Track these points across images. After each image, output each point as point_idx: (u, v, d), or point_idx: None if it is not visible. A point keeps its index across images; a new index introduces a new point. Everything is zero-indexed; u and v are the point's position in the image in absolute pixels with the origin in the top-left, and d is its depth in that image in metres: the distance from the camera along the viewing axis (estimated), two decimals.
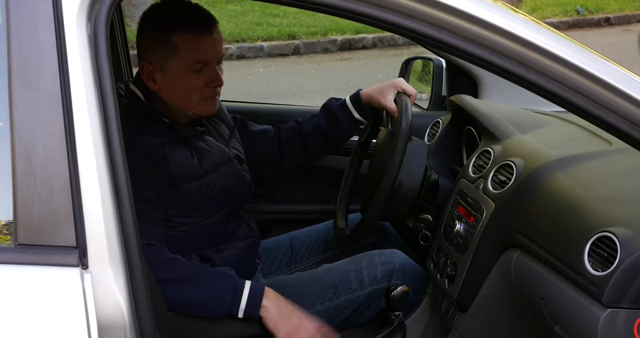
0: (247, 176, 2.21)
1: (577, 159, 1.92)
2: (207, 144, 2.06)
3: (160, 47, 1.95)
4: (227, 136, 2.22)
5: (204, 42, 1.95)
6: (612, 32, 10.71)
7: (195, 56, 1.94)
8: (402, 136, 2.02)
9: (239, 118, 2.37)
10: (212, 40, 1.96)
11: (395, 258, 2.25)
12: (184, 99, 1.98)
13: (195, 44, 1.94)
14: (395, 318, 2.13)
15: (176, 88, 1.97)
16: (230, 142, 2.22)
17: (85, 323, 1.21)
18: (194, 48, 1.93)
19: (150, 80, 1.99)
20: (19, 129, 1.22)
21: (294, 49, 9.06)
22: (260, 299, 1.91)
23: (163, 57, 1.95)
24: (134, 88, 2.03)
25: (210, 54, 1.96)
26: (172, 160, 1.94)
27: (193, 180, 1.98)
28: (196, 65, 1.94)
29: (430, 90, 3.03)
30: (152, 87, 1.99)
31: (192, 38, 1.93)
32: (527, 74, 1.35)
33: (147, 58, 1.98)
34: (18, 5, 1.24)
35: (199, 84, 1.96)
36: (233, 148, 2.21)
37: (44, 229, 1.22)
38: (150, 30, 1.98)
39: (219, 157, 2.07)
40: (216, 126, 2.19)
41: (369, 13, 1.31)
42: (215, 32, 1.97)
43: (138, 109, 1.99)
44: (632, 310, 1.53)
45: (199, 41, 1.94)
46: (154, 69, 1.97)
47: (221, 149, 2.10)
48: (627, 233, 1.53)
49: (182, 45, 1.93)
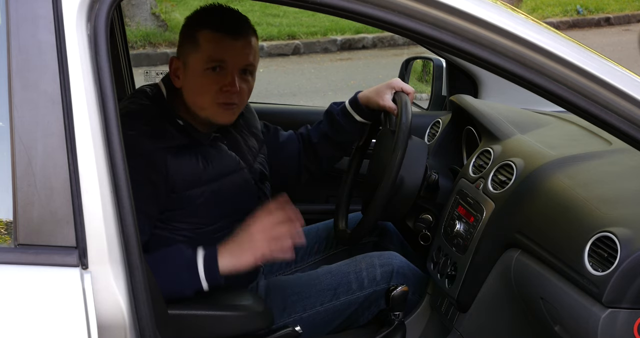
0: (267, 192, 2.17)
1: (577, 158, 1.92)
2: (218, 151, 2.04)
3: (187, 43, 1.97)
4: (255, 150, 2.18)
5: (226, 43, 1.94)
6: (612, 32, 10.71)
7: (211, 53, 1.93)
8: (403, 133, 2.01)
9: (272, 127, 2.35)
10: (236, 44, 1.95)
11: (395, 260, 2.25)
12: (197, 99, 1.97)
13: (215, 42, 1.94)
14: (395, 319, 2.13)
15: (192, 85, 1.97)
16: (257, 157, 2.19)
17: (85, 323, 1.20)
18: (213, 46, 1.93)
19: (175, 76, 2.00)
20: (18, 129, 1.22)
21: (294, 49, 9.07)
22: (215, 266, 1.84)
23: (187, 53, 1.96)
24: (160, 84, 2.03)
25: (229, 56, 1.94)
26: (174, 165, 1.91)
27: (195, 186, 1.96)
28: (210, 63, 1.93)
29: (430, 90, 3.03)
30: (176, 83, 2.00)
31: (215, 37, 1.93)
32: (527, 74, 1.35)
33: (178, 54, 2.01)
34: (18, 5, 1.24)
35: (213, 86, 1.95)
36: (259, 164, 2.18)
37: (44, 229, 1.22)
38: (185, 27, 2.01)
39: (226, 165, 2.03)
40: (246, 139, 2.16)
41: (369, 13, 1.31)
42: (241, 39, 1.96)
43: (154, 108, 1.98)
44: (632, 310, 1.53)
45: (220, 41, 1.94)
46: (179, 64, 1.99)
47: (232, 158, 2.06)
48: (627, 233, 1.53)
49: (203, 42, 1.93)
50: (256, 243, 1.84)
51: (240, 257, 1.84)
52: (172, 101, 2.00)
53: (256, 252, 1.84)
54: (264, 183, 2.17)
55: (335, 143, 2.34)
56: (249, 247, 1.84)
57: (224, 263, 1.84)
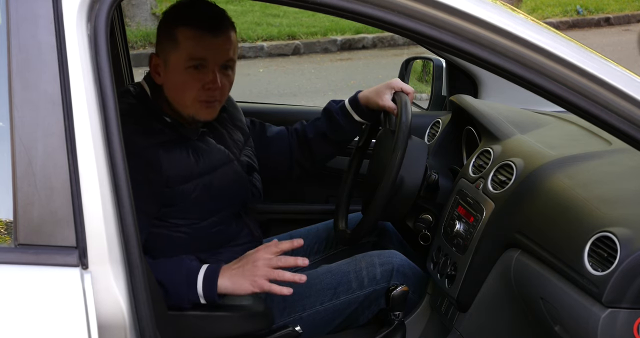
0: (257, 185, 2.20)
1: (577, 158, 1.92)
2: (207, 145, 2.06)
3: (165, 40, 1.97)
4: (240, 143, 2.20)
5: (205, 40, 1.94)
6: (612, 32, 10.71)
7: (192, 52, 1.93)
8: (403, 133, 2.01)
9: (258, 122, 2.36)
10: (216, 42, 1.95)
11: (395, 259, 2.25)
12: (179, 97, 1.98)
13: (196, 40, 1.93)
14: (395, 318, 2.13)
15: (173, 83, 1.97)
16: (243, 149, 2.20)
17: (85, 323, 1.21)
18: (193, 44, 1.93)
19: (155, 73, 2.01)
20: (19, 129, 1.22)
21: (294, 49, 9.06)
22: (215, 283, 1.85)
23: (167, 51, 1.96)
24: (143, 83, 2.04)
25: (210, 54, 1.95)
26: (166, 160, 1.92)
27: (188, 180, 1.97)
28: (192, 61, 1.93)
29: (430, 90, 3.03)
30: (157, 80, 2.00)
31: (194, 34, 1.93)
32: (527, 74, 1.35)
33: (157, 50, 2.01)
34: (18, 5, 1.24)
35: (195, 84, 1.95)
36: (245, 156, 2.19)
37: (44, 229, 1.22)
38: (162, 24, 2.00)
39: (217, 158, 2.06)
40: (231, 132, 2.17)
41: (369, 13, 1.31)
42: (221, 36, 1.96)
43: (141, 106, 1.99)
44: (632, 310, 1.53)
45: (200, 39, 1.94)
46: (160, 62, 1.99)
47: (221, 151, 2.08)
48: (627, 233, 1.53)
49: (183, 40, 1.93)
50: (257, 271, 1.85)
51: (239, 284, 1.86)
52: (156, 99, 2.01)
53: (255, 282, 1.84)
54: (252, 174, 2.19)
55: (331, 141, 2.34)
56: (249, 274, 1.85)
57: (222, 283, 1.86)
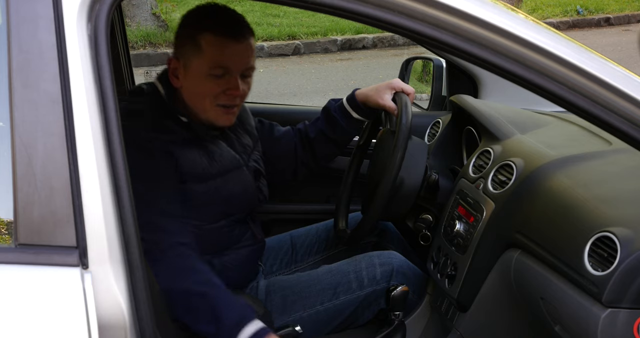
0: (264, 190, 2.20)
1: (577, 158, 1.92)
2: (219, 148, 2.05)
3: (187, 45, 1.96)
4: (249, 148, 2.20)
5: (229, 48, 1.93)
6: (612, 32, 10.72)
7: (217, 60, 1.93)
8: (403, 133, 2.01)
9: (267, 122, 2.36)
10: (239, 48, 1.95)
11: (395, 259, 2.25)
12: (199, 101, 1.98)
13: (220, 48, 1.93)
14: (395, 318, 2.13)
15: (194, 88, 1.97)
16: (252, 154, 2.20)
17: (85, 323, 1.20)
18: (218, 52, 1.93)
19: (174, 77, 2.00)
20: (19, 129, 1.22)
21: (294, 49, 9.07)
22: None
23: (188, 56, 1.96)
24: (157, 83, 2.03)
25: (234, 61, 1.95)
26: (181, 156, 1.93)
27: (200, 181, 1.97)
28: (217, 70, 1.94)
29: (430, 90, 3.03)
30: (175, 83, 2.00)
31: (218, 41, 1.93)
32: (527, 74, 1.35)
33: (176, 54, 2.00)
34: (18, 5, 1.24)
35: (216, 89, 1.95)
36: (253, 161, 2.19)
37: (44, 229, 1.22)
38: (183, 28, 2.00)
39: (229, 162, 2.05)
40: (240, 137, 2.17)
41: (369, 13, 1.31)
42: (244, 42, 1.95)
43: (155, 105, 1.99)
44: (632, 310, 1.53)
45: (224, 46, 1.93)
46: (179, 65, 1.98)
47: (232, 156, 2.08)
48: (627, 233, 1.53)
49: (207, 47, 1.93)
50: None
51: None
52: (171, 99, 2.01)
53: None
54: (260, 180, 2.19)
55: (331, 139, 2.34)
56: None
57: None
